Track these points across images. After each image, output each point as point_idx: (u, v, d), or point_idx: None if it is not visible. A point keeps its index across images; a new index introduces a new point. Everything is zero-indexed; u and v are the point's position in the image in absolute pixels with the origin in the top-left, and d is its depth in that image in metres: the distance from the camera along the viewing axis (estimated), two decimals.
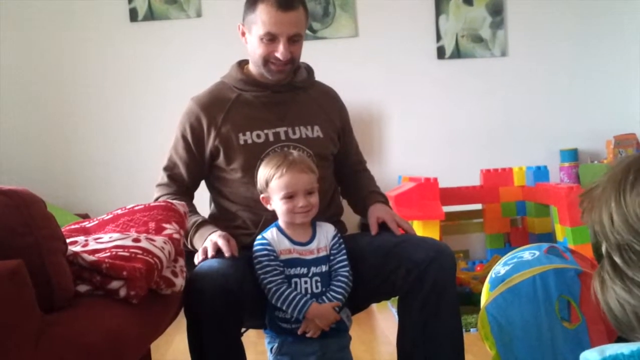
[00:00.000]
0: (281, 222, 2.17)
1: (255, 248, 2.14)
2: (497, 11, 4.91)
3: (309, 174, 2.14)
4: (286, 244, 2.13)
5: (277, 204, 2.13)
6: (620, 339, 2.99)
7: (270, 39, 2.26)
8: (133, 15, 4.73)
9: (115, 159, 4.73)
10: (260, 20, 2.24)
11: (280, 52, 2.26)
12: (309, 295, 2.10)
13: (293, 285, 2.10)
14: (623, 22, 4.98)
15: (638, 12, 4.96)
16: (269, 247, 2.11)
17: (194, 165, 2.39)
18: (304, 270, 2.11)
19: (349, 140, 2.57)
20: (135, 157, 4.68)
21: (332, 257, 2.18)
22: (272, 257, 2.11)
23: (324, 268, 2.14)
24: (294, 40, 2.29)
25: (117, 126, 4.74)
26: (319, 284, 2.12)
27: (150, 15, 4.73)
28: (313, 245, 2.15)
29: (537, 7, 4.94)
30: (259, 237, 2.16)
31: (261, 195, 2.18)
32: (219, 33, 4.59)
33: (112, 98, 4.74)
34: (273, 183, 2.11)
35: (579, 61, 4.97)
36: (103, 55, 4.74)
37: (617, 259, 1.02)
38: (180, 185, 2.40)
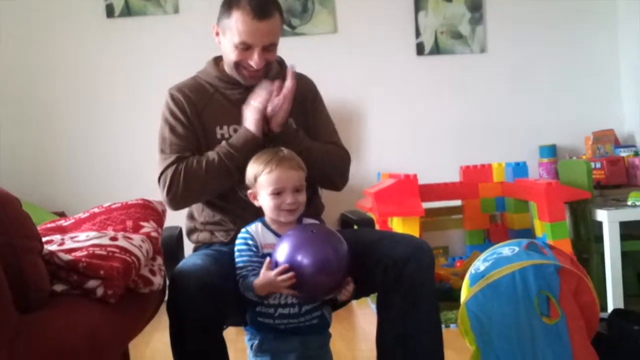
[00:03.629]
0: (267, 217, 2.15)
1: (237, 241, 2.12)
2: (476, 7, 4.92)
3: (299, 171, 2.13)
4: (271, 238, 2.10)
5: (264, 199, 2.11)
6: (599, 335, 3.00)
7: (245, 48, 2.24)
8: (109, 11, 4.69)
9: (92, 156, 4.68)
10: (236, 28, 2.22)
11: (254, 61, 2.25)
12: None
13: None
14: (602, 20, 5.01)
15: (617, 10, 4.99)
16: (249, 242, 2.09)
17: (195, 137, 2.31)
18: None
19: (318, 117, 2.51)
20: (112, 155, 4.64)
21: None
22: (250, 253, 2.08)
23: None
24: (269, 50, 2.28)
25: (94, 123, 4.69)
26: None
27: (127, 11, 4.69)
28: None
29: (516, 3, 4.95)
30: (243, 230, 2.14)
31: (249, 191, 2.16)
32: (196, 29, 4.56)
33: (89, 94, 4.69)
34: (262, 178, 2.10)
35: (557, 58, 4.99)
36: (79, 51, 4.69)
37: None
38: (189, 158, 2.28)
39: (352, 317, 3.98)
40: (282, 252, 2.00)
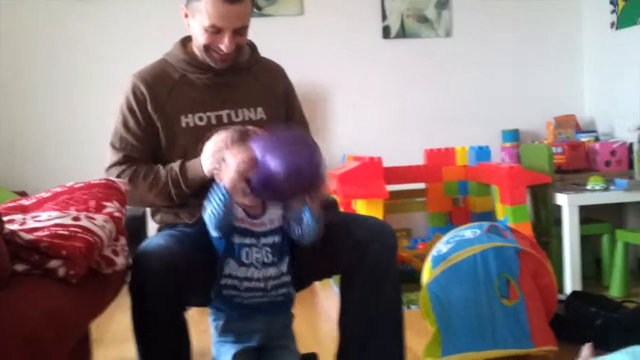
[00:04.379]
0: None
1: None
2: None
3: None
4: (239, 211, 2.07)
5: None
6: (557, 317, 3.06)
7: (215, 31, 2.21)
8: None
9: (54, 135, 4.61)
10: (205, 11, 2.18)
11: (224, 44, 2.22)
12: (257, 265, 2.05)
13: (244, 255, 2.05)
14: (566, 6, 5.06)
15: None
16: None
17: (147, 139, 2.30)
18: (254, 240, 2.07)
19: (291, 111, 2.53)
20: (75, 134, 4.58)
21: None
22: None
23: (277, 239, 2.10)
24: (240, 33, 2.25)
25: (56, 103, 4.62)
26: (269, 254, 2.08)
27: None
28: (264, 218, 2.10)
29: None
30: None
31: (214, 172, 2.07)
32: (164, 9, 4.52)
33: (51, 73, 4.62)
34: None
35: (521, 43, 5.04)
36: (44, 31, 4.61)
37: None
38: (137, 160, 2.30)
39: (314, 298, 4.01)
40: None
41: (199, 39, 2.25)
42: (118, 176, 2.24)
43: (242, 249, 2.06)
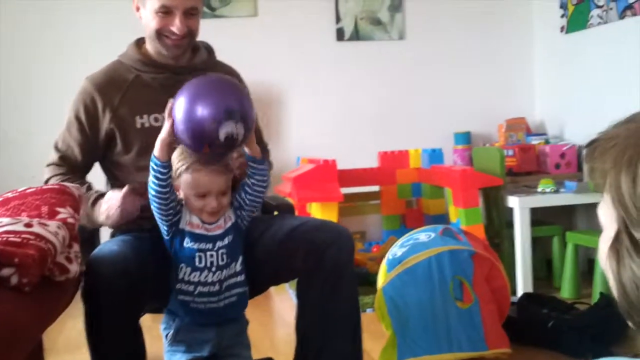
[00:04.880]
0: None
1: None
2: None
3: (226, 174, 2.05)
4: (195, 218, 2.07)
5: (187, 197, 2.05)
6: (510, 319, 3.08)
7: (165, 12, 2.20)
8: None
9: (3, 139, 4.51)
10: None
11: (175, 25, 2.21)
12: (212, 269, 2.05)
13: (197, 260, 2.04)
14: (517, 10, 5.12)
15: (532, 1, 5.12)
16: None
17: (88, 147, 2.32)
18: (210, 245, 2.06)
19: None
20: (25, 138, 4.48)
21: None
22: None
23: (231, 238, 2.10)
24: (191, 14, 2.24)
25: (7, 104, 4.52)
26: (224, 256, 2.07)
27: None
28: (220, 221, 2.09)
29: None
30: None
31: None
32: (110, 6, 4.46)
33: (4, 73, 4.51)
34: (186, 177, 2.02)
35: (473, 46, 5.09)
36: None
37: (639, 236, 0.89)
38: (73, 167, 2.32)
39: (269, 303, 3.99)
40: (180, 106, 1.93)
41: (151, 25, 2.24)
42: (50, 178, 2.27)
43: (195, 253, 2.05)
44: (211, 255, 2.06)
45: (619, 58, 4.20)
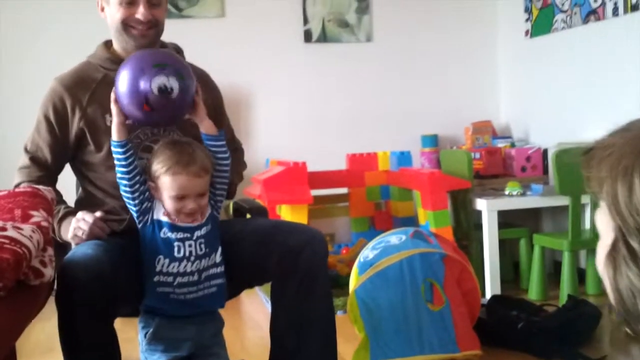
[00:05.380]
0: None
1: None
2: None
3: (204, 177, 2.07)
4: (160, 212, 2.08)
5: (165, 199, 2.06)
6: (480, 321, 3.11)
7: (129, 2, 2.21)
8: None
9: None
10: None
11: (140, 12, 2.22)
12: (191, 258, 2.06)
13: (176, 250, 2.04)
14: (482, 15, 5.18)
15: (496, 4, 5.17)
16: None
17: (58, 148, 2.29)
18: (188, 234, 2.07)
19: (220, 121, 2.52)
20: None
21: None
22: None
23: (209, 228, 2.11)
24: (154, 4, 2.25)
25: None
26: (202, 246, 2.08)
27: None
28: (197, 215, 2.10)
29: None
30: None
31: (149, 183, 2.10)
32: (74, 7, 4.40)
33: None
34: (165, 179, 2.03)
35: (440, 49, 5.12)
36: None
37: (635, 245, 0.89)
38: (43, 168, 2.30)
39: (240, 305, 3.97)
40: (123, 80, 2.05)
41: (116, 17, 2.24)
42: (20, 183, 2.24)
43: (174, 243, 2.05)
44: (190, 245, 2.06)
45: (583, 62, 4.27)
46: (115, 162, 2.05)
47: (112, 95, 2.09)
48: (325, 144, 4.88)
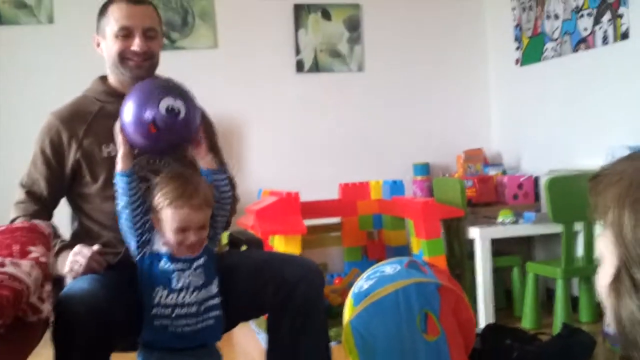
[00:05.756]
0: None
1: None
2: (354, 27, 5.02)
3: (206, 210, 2.09)
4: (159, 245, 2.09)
5: (166, 231, 2.07)
6: (474, 351, 3.10)
7: (125, 34, 2.25)
8: None
9: None
10: (113, 18, 2.26)
11: (136, 44, 2.25)
12: (189, 289, 2.06)
13: (175, 281, 2.05)
14: (473, 45, 5.23)
15: (486, 36, 5.22)
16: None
17: (54, 181, 2.30)
18: (187, 265, 2.08)
19: (216, 155, 2.53)
20: None
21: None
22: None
23: (206, 258, 2.12)
24: (150, 37, 2.28)
25: None
26: (202, 275, 2.09)
27: None
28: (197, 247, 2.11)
29: (392, 24, 5.09)
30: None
31: (150, 215, 2.10)
32: (72, 40, 4.42)
33: None
34: (167, 212, 2.04)
35: (430, 78, 5.17)
36: None
37: (639, 276, 0.91)
38: (39, 202, 2.30)
39: (233, 338, 3.95)
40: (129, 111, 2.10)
41: (112, 50, 2.27)
42: (16, 218, 2.24)
43: (172, 274, 2.05)
44: (188, 276, 2.07)
45: (573, 90, 4.31)
46: (119, 192, 2.07)
47: (117, 125, 2.13)
48: (317, 173, 4.89)
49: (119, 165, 2.09)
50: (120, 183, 2.07)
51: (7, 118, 4.47)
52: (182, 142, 2.17)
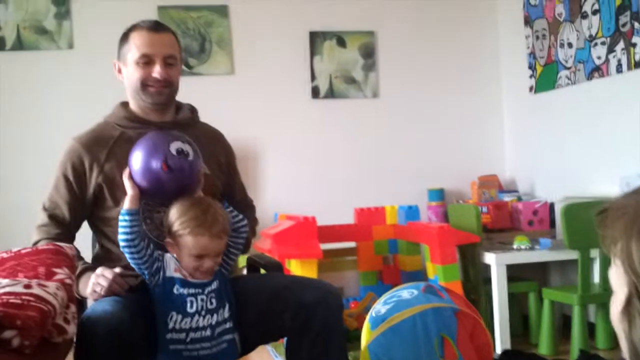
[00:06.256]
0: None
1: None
2: (369, 54, 5.06)
3: (224, 238, 2.14)
4: (172, 268, 2.12)
5: (183, 256, 2.10)
6: None
7: (146, 61, 2.30)
8: (0, 44, 4.53)
9: None
10: (134, 45, 2.30)
11: (156, 71, 2.30)
12: (202, 312, 2.09)
13: (189, 305, 2.07)
14: (487, 72, 5.26)
15: (499, 64, 5.26)
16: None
17: (76, 205, 2.34)
18: (199, 289, 2.10)
19: (232, 179, 2.58)
20: (11, 197, 4.44)
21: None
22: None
23: (218, 283, 2.14)
24: (170, 64, 2.33)
25: None
26: (213, 300, 2.11)
27: (19, 45, 4.54)
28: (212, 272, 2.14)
29: (407, 51, 5.13)
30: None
31: (166, 239, 2.14)
32: (91, 65, 4.49)
33: None
34: (187, 238, 2.08)
35: (445, 105, 5.19)
36: None
37: None
38: (61, 226, 2.33)
39: None
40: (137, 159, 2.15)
41: (134, 77, 2.32)
42: (39, 241, 2.28)
43: (186, 298, 2.08)
44: (202, 300, 2.09)
45: (587, 118, 4.33)
46: (120, 230, 2.08)
47: (126, 172, 2.16)
48: (332, 198, 4.92)
49: (127, 204, 2.12)
50: (122, 222, 2.09)
51: (28, 143, 4.52)
52: (187, 187, 2.19)
